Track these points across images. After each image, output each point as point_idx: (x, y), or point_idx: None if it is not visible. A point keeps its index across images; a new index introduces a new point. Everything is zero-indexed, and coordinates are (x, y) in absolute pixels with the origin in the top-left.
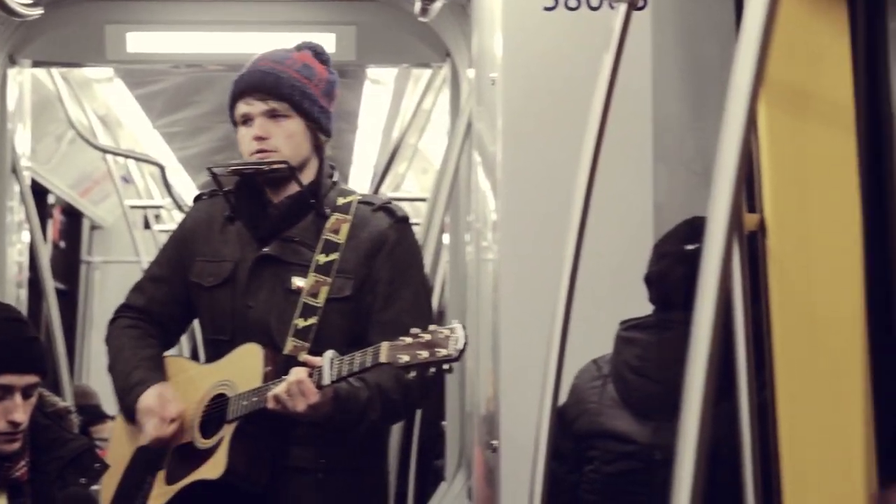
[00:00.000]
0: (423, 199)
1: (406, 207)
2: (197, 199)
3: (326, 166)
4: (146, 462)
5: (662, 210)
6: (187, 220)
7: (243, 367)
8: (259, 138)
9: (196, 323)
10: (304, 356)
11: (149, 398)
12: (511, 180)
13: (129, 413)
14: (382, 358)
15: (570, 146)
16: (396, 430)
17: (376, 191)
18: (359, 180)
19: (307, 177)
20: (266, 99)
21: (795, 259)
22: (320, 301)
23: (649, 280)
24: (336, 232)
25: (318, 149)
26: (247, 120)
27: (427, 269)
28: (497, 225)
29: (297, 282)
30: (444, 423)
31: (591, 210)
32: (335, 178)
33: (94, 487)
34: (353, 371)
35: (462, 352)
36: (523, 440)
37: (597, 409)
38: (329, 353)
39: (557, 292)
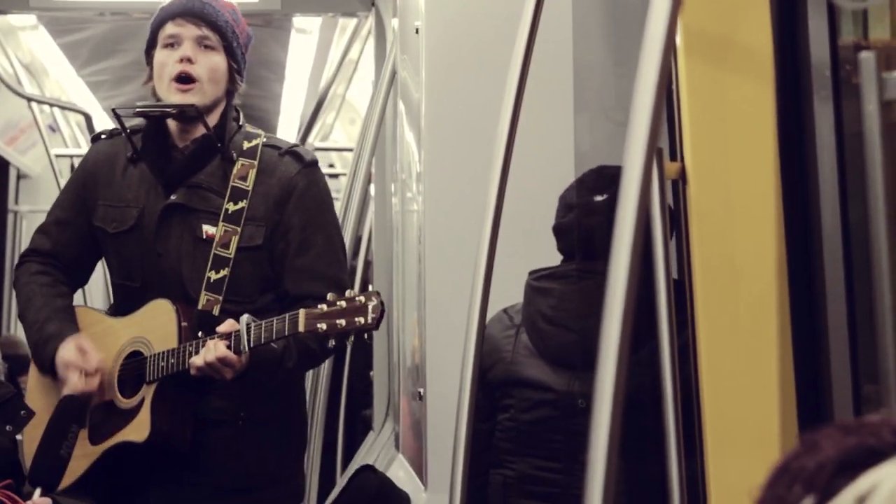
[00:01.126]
0: (350, 150)
1: (334, 157)
2: (96, 138)
3: (232, 109)
4: (71, 411)
5: (584, 159)
6: (87, 160)
7: (157, 324)
8: (186, 59)
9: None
10: (220, 328)
11: (67, 351)
12: (434, 130)
13: (45, 365)
14: (300, 327)
15: (493, 95)
16: (325, 381)
17: (303, 140)
18: (286, 130)
19: (213, 119)
20: (200, 25)
21: (715, 206)
22: (231, 251)
23: (558, 231)
24: (244, 178)
25: (229, 93)
26: (174, 43)
27: (353, 219)
28: (421, 176)
29: (208, 229)
30: (371, 373)
31: (513, 160)
32: (241, 122)
33: (19, 437)
34: (270, 338)
35: (380, 320)
36: (448, 389)
37: (510, 357)
38: (245, 318)
39: (479, 242)
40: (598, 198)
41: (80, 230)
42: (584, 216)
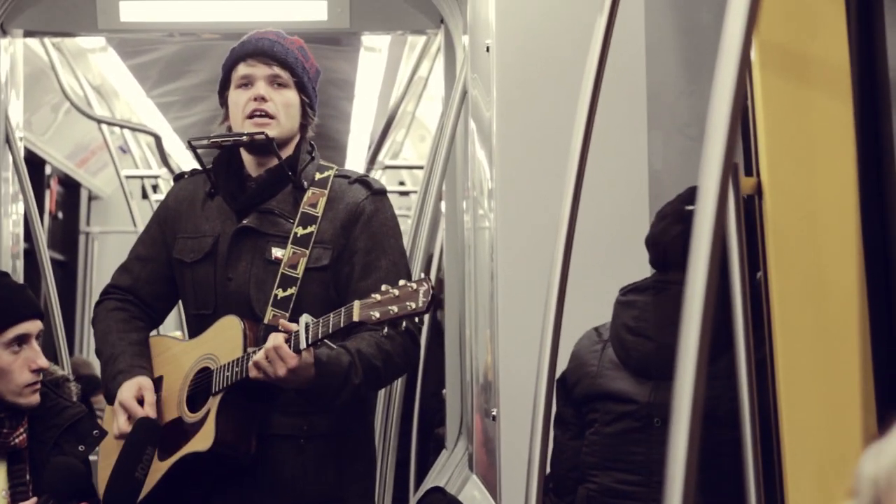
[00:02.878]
0: (420, 167)
1: (404, 175)
2: (178, 178)
3: (307, 143)
4: (147, 433)
5: (658, 177)
6: (169, 198)
7: (225, 339)
8: (260, 98)
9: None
10: (281, 322)
11: (125, 393)
12: (506, 148)
13: (111, 401)
14: (355, 316)
15: (565, 112)
16: (398, 399)
17: (373, 159)
18: (356, 149)
19: (287, 151)
20: (271, 64)
21: (792, 220)
22: (299, 272)
23: (648, 242)
24: (314, 205)
25: (303, 127)
26: (247, 83)
27: (425, 237)
28: (493, 193)
29: (276, 252)
30: (444, 391)
31: (587, 177)
32: (314, 155)
33: (93, 457)
34: (328, 332)
35: (430, 303)
36: (522, 408)
37: (596, 371)
38: (304, 318)
39: (552, 258)
40: (690, 207)
41: (160, 266)
42: (672, 224)
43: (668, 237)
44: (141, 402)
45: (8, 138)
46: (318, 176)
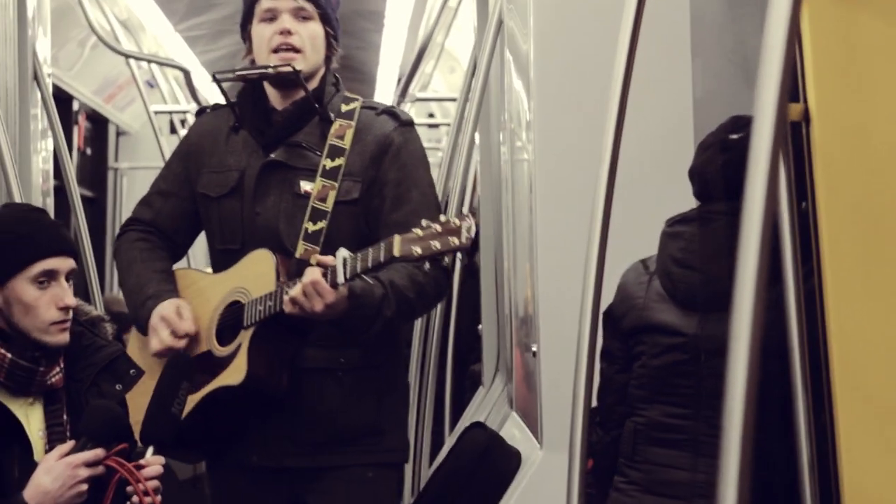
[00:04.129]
0: (452, 99)
1: (433, 107)
2: (200, 112)
3: (331, 75)
4: (182, 368)
5: (701, 104)
6: (191, 133)
7: (256, 273)
8: (286, 31)
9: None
10: (316, 257)
11: (165, 308)
12: (544, 79)
13: (144, 326)
14: (395, 251)
15: (604, 41)
16: (435, 336)
17: (405, 91)
18: (385, 80)
19: (312, 84)
20: None
21: (841, 148)
22: (328, 205)
23: (692, 173)
24: (341, 137)
25: (327, 59)
26: (271, 17)
27: (461, 169)
28: (531, 124)
29: (305, 185)
30: (479, 327)
31: (629, 106)
32: (339, 87)
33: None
34: (366, 268)
35: (473, 240)
36: (563, 342)
37: (643, 303)
38: (342, 252)
39: (595, 191)
40: (734, 136)
41: (183, 201)
42: (719, 153)
43: (713, 167)
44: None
45: (36, 74)
46: (344, 107)
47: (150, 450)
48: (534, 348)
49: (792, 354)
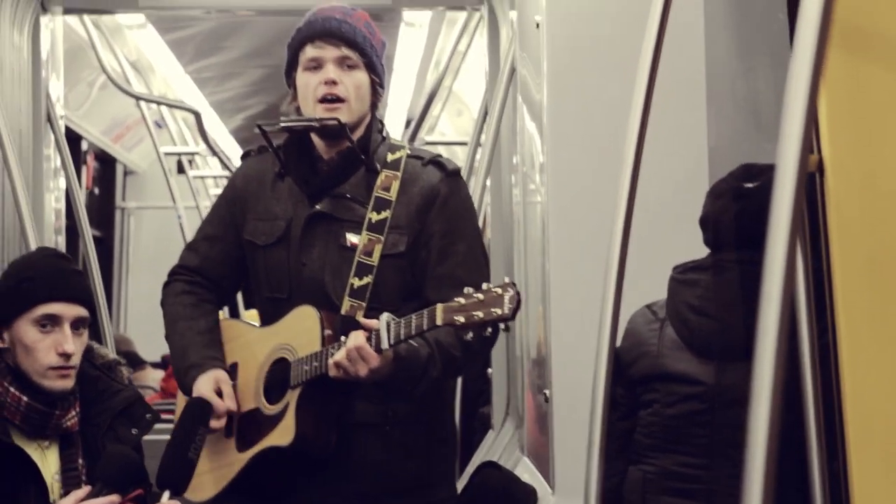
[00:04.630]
0: (462, 143)
1: (442, 151)
2: (245, 155)
3: (377, 122)
4: (199, 414)
5: (715, 153)
6: (237, 177)
7: (301, 330)
8: (330, 82)
9: None
10: (361, 319)
11: (204, 387)
12: (557, 126)
13: (186, 392)
14: (438, 321)
15: (617, 90)
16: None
17: (414, 135)
18: (393, 124)
19: (358, 133)
20: (340, 45)
21: (854, 199)
22: (374, 259)
23: (705, 221)
24: (387, 189)
25: (373, 106)
26: (316, 66)
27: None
28: (544, 167)
29: (351, 238)
30: (489, 370)
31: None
32: (384, 133)
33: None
34: (409, 334)
35: (516, 310)
36: (576, 386)
37: (657, 350)
38: (385, 317)
39: (611, 236)
40: (748, 185)
41: (229, 246)
42: (733, 201)
43: (728, 216)
44: (220, 395)
45: (49, 116)
46: (389, 157)
47: (166, 495)
48: (546, 393)
49: (806, 406)
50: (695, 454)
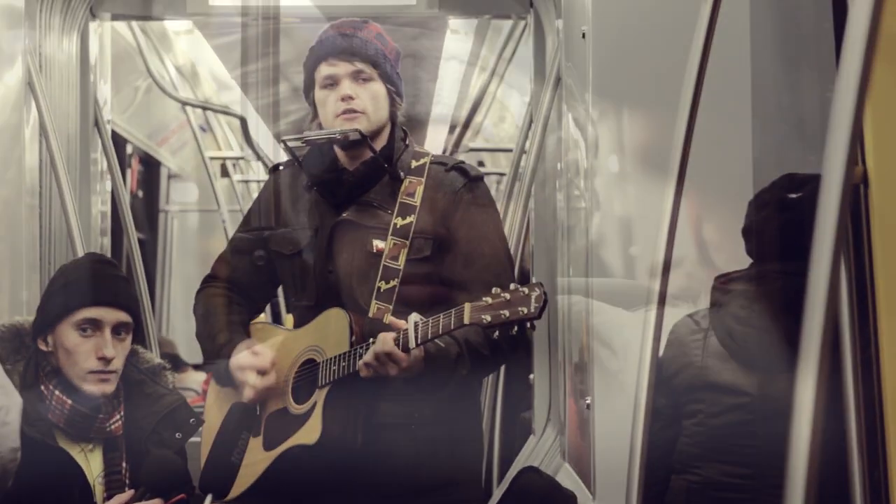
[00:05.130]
0: (507, 150)
1: (484, 156)
2: (274, 169)
3: (399, 130)
4: (241, 417)
5: (759, 165)
6: (266, 190)
7: (330, 331)
8: (347, 98)
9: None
10: (389, 318)
11: (240, 355)
12: (602, 133)
13: (222, 377)
14: (466, 319)
15: (663, 97)
16: (484, 385)
17: (459, 140)
18: (436, 130)
19: (380, 142)
20: (352, 60)
21: None
22: (400, 263)
23: (748, 231)
24: (411, 195)
25: (392, 115)
26: (332, 83)
27: (519, 221)
28: (588, 173)
29: (377, 244)
30: (531, 376)
31: (690, 164)
32: (408, 142)
33: (192, 439)
34: (437, 333)
35: (542, 310)
36: (618, 393)
37: (701, 361)
38: (413, 317)
39: (655, 248)
40: (792, 195)
41: (257, 258)
42: (778, 212)
43: (772, 226)
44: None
45: (97, 121)
46: (413, 164)
47: (209, 498)
48: (587, 400)
49: (848, 416)
50: (740, 464)
